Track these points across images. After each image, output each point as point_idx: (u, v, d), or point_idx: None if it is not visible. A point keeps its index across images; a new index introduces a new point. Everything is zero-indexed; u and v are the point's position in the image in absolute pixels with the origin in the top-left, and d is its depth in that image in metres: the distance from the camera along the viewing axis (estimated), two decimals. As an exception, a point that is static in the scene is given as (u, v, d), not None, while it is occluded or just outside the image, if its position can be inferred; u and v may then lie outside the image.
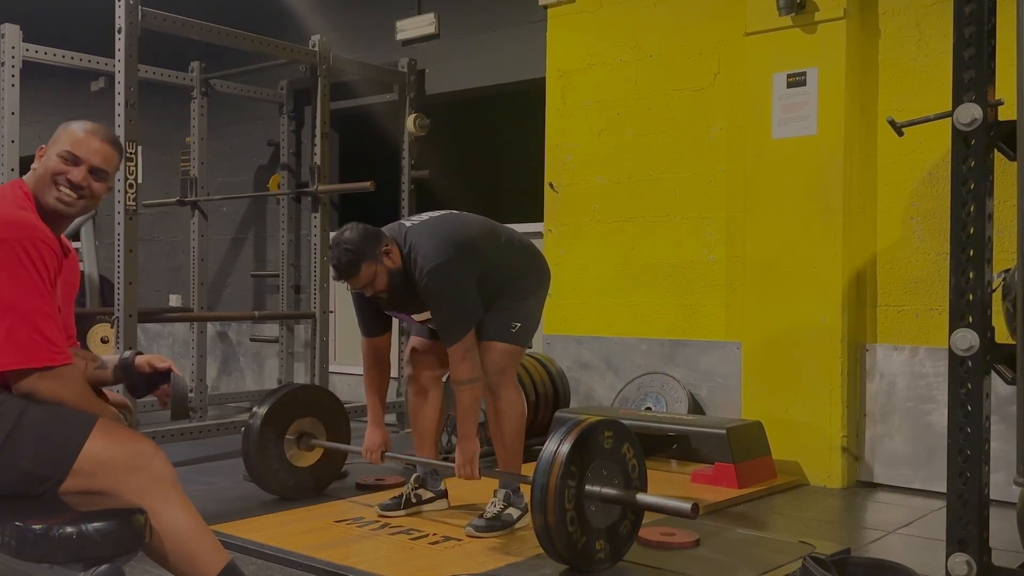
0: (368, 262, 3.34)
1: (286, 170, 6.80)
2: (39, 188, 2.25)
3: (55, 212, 2.24)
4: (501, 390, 3.53)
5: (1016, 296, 2.51)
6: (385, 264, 3.37)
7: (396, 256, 3.41)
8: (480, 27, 6.05)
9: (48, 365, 2.08)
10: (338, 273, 3.38)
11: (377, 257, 3.35)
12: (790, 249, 4.56)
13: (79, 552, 1.89)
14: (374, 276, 3.36)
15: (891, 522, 3.86)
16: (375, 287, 3.39)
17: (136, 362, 2.42)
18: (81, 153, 2.25)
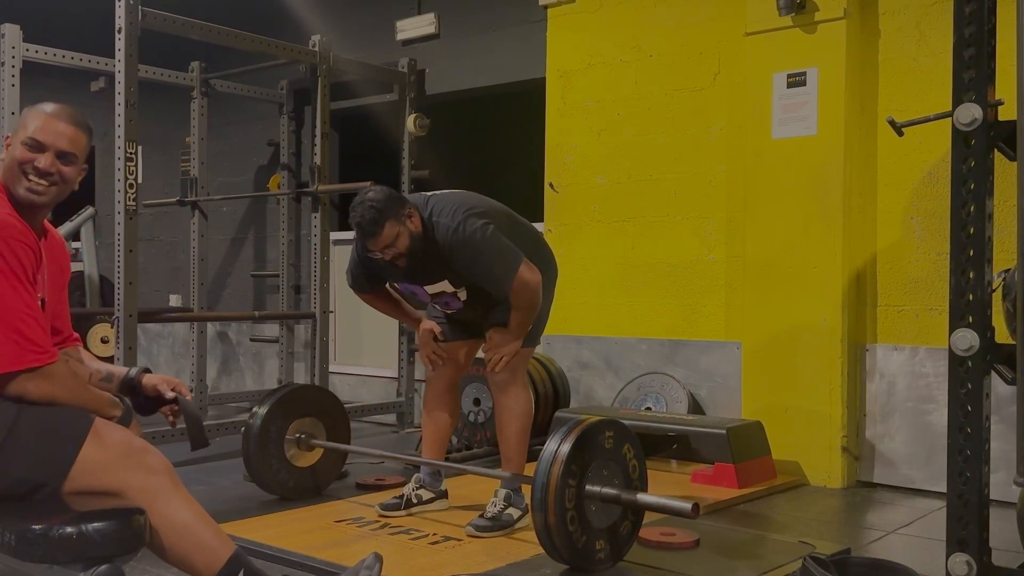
0: (392, 220, 3.30)
1: (286, 170, 6.80)
2: (8, 179, 2.18)
3: (28, 203, 2.17)
4: (511, 388, 3.57)
5: (1016, 296, 2.51)
6: (407, 226, 3.34)
7: (417, 222, 3.38)
8: (480, 27, 6.05)
9: (31, 367, 2.04)
10: (361, 231, 3.32)
11: (400, 218, 3.32)
12: (790, 249, 4.56)
13: (79, 552, 1.89)
14: (396, 236, 3.31)
15: (891, 522, 3.86)
16: (396, 248, 3.33)
17: (144, 382, 2.39)
18: (46, 139, 2.16)
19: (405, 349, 6.05)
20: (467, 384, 5.15)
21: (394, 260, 3.37)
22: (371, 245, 3.34)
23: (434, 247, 3.39)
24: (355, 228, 3.35)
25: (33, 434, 2.04)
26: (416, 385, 6.15)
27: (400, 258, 3.36)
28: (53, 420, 2.09)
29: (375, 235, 3.30)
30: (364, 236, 3.33)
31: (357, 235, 3.40)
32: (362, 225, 3.29)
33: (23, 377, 2.04)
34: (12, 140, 2.21)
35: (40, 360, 2.06)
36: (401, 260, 3.37)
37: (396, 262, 3.38)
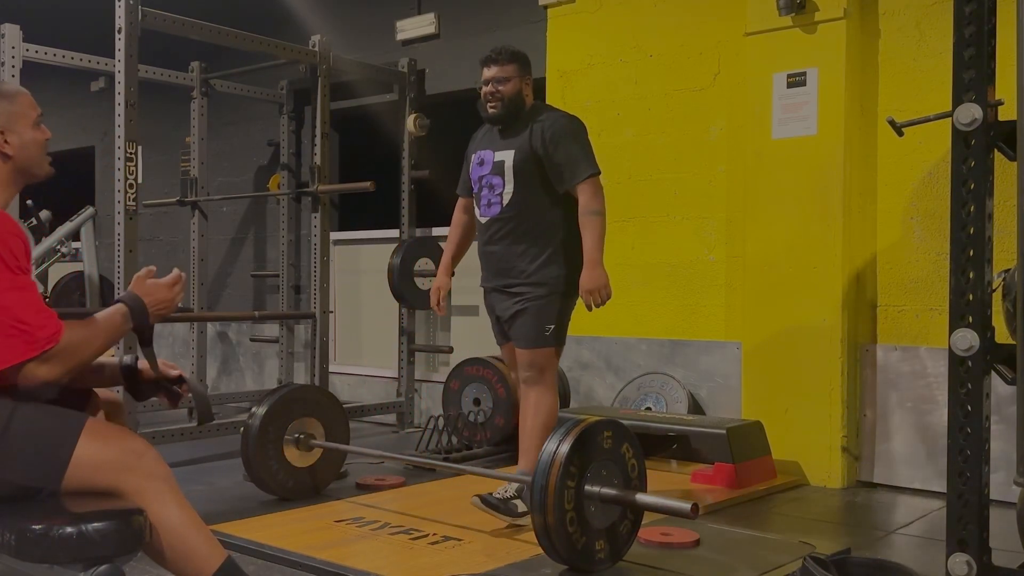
0: (516, 66, 3.62)
1: (286, 170, 6.80)
2: (31, 163, 2.25)
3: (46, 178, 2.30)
4: (537, 386, 3.65)
5: (1016, 296, 2.51)
6: (521, 84, 3.63)
7: (530, 94, 3.69)
8: (480, 27, 6.05)
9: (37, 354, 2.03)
10: (494, 54, 3.62)
11: (523, 73, 3.64)
12: (790, 249, 4.56)
13: (79, 552, 1.89)
14: (509, 79, 3.60)
15: (891, 522, 3.86)
16: (502, 88, 3.59)
17: (139, 366, 2.40)
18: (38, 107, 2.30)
19: (405, 349, 6.05)
20: (467, 384, 5.16)
21: (492, 96, 3.61)
22: (489, 68, 3.62)
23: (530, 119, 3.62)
24: (484, 56, 3.65)
25: (27, 436, 2.03)
26: (416, 385, 6.16)
27: (497, 100, 3.60)
28: (46, 422, 2.07)
29: (498, 62, 3.60)
30: (489, 60, 3.62)
31: (482, 64, 3.65)
32: (497, 51, 3.63)
33: (34, 364, 2.03)
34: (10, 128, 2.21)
35: (45, 345, 2.04)
36: (497, 104, 3.61)
37: (492, 103, 3.62)
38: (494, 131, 3.72)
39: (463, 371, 5.21)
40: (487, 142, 3.74)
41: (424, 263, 5.99)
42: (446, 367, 5.90)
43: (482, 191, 3.69)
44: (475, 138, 3.85)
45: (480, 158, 3.72)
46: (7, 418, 2.03)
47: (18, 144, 2.22)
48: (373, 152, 6.83)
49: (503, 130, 3.69)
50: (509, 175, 3.62)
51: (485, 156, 3.71)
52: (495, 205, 3.65)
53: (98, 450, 2.06)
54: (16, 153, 2.22)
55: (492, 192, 3.66)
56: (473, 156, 3.77)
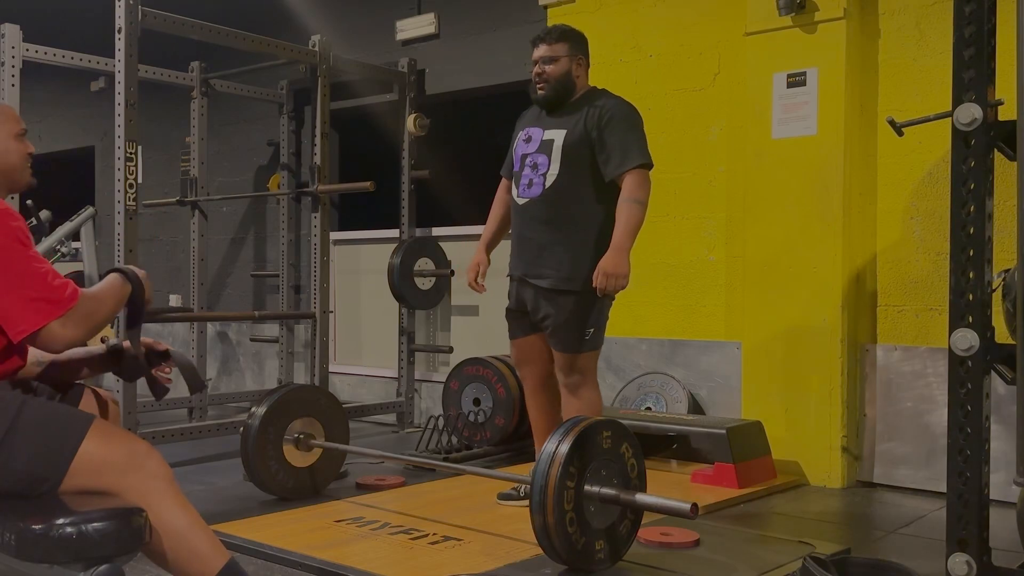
0: (568, 45, 3.52)
1: (286, 170, 6.80)
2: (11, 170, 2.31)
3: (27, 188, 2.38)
4: (582, 389, 3.60)
5: (1016, 296, 2.51)
6: (574, 65, 3.54)
7: (584, 77, 3.59)
8: (480, 27, 6.05)
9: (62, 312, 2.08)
10: (543, 33, 3.57)
11: (575, 52, 3.54)
12: (790, 249, 4.56)
13: (79, 552, 1.89)
14: (558, 59, 3.51)
15: (891, 522, 3.86)
16: (550, 68, 3.51)
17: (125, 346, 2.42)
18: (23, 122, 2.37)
19: (405, 349, 6.05)
20: (467, 384, 5.16)
21: (540, 78, 3.52)
22: (538, 48, 3.54)
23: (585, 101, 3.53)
24: (534, 36, 3.58)
25: (35, 429, 2.05)
26: (416, 385, 6.16)
27: (545, 82, 3.52)
28: (54, 416, 2.10)
29: (547, 41, 3.53)
30: (538, 39, 3.55)
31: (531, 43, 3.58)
32: (544, 29, 3.59)
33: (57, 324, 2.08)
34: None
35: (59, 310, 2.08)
36: (544, 85, 3.52)
37: (540, 84, 3.53)
38: (540, 111, 3.64)
39: (463, 371, 5.21)
40: (537, 120, 3.63)
41: (424, 263, 6.00)
42: (446, 367, 5.90)
43: (524, 170, 3.54)
44: (523, 116, 3.75)
45: (528, 135, 3.60)
46: (16, 410, 2.06)
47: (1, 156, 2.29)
48: (373, 152, 6.83)
49: (553, 111, 3.58)
50: (557, 155, 3.47)
51: (533, 133, 3.59)
52: (537, 186, 3.50)
53: (103, 449, 2.07)
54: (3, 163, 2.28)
55: (535, 172, 3.51)
56: (520, 133, 3.65)
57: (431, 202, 6.49)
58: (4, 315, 2.07)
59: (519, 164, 3.59)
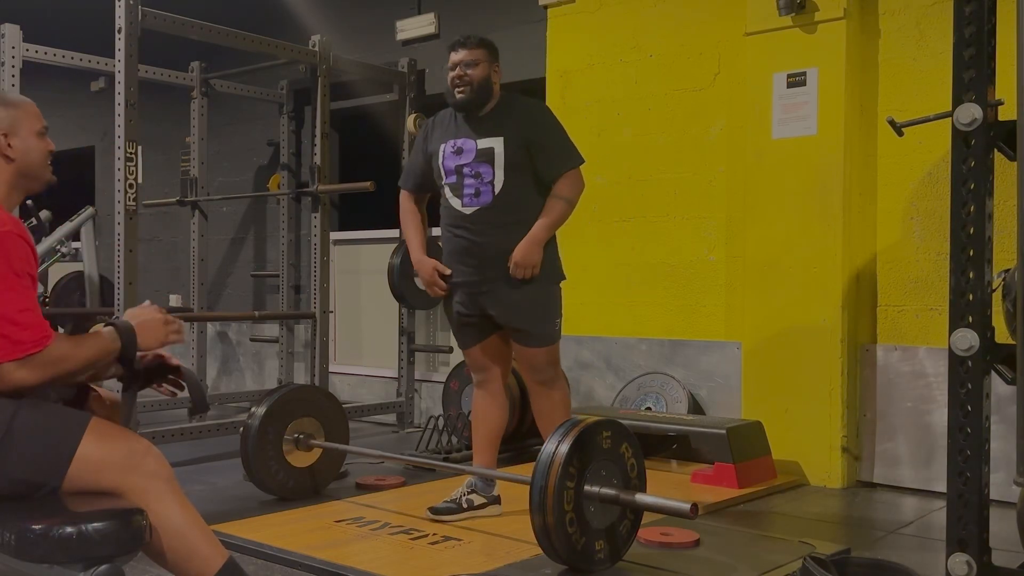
0: (485, 51, 3.57)
1: (286, 170, 6.80)
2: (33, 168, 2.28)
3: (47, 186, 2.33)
4: (557, 382, 3.70)
5: (1016, 296, 2.50)
6: (490, 70, 3.58)
7: (497, 86, 3.63)
8: (480, 27, 6.02)
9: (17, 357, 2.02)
10: (462, 39, 3.59)
11: (492, 59, 3.59)
12: (790, 249, 4.56)
13: (79, 552, 1.89)
14: (478, 63, 3.54)
15: (891, 522, 3.86)
16: (471, 72, 3.53)
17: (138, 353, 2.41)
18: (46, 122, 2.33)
19: (405, 349, 6.05)
20: (467, 384, 5.15)
21: (460, 81, 3.53)
22: (457, 52, 3.56)
23: (508, 108, 3.60)
24: (452, 42, 3.61)
25: (30, 433, 2.03)
26: (416, 385, 6.16)
27: (466, 85, 3.53)
28: (50, 419, 2.08)
29: (466, 46, 3.55)
30: (457, 44, 3.58)
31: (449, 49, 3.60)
32: (467, 36, 3.60)
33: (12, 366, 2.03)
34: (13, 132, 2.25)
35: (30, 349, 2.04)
36: (466, 89, 3.53)
37: (460, 88, 3.54)
38: (459, 119, 3.60)
39: (463, 371, 5.20)
40: (459, 130, 3.59)
41: (424, 263, 5.99)
42: (446, 367, 5.91)
43: (465, 180, 3.55)
44: (432, 127, 3.70)
45: (456, 146, 3.58)
46: (10, 416, 2.04)
47: (21, 148, 2.26)
48: (373, 152, 6.83)
49: (473, 117, 3.57)
50: (500, 162, 3.51)
51: (464, 144, 3.56)
52: (485, 194, 3.52)
53: (101, 449, 2.06)
54: (19, 157, 2.26)
55: (480, 181, 3.53)
56: (444, 145, 3.60)
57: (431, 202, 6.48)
58: None
59: (453, 176, 3.58)
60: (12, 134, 2.25)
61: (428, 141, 3.69)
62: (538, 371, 3.64)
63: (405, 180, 3.82)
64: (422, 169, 3.73)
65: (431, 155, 3.66)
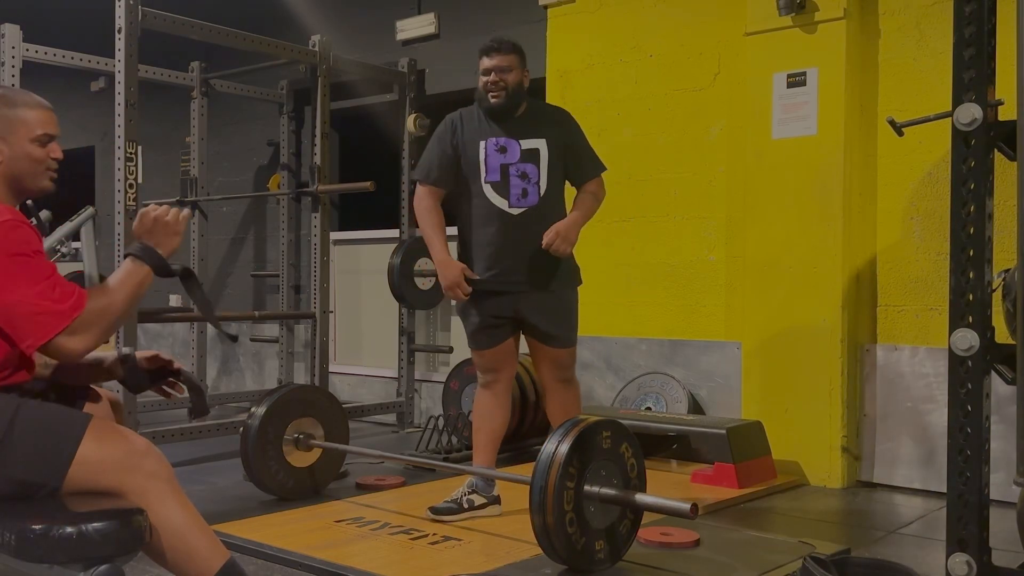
0: (517, 56, 3.59)
1: (286, 170, 6.80)
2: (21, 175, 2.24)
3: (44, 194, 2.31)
4: (573, 381, 3.78)
5: (1016, 296, 2.51)
6: (522, 74, 3.61)
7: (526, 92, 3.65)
8: (480, 27, 6.04)
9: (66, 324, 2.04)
10: (496, 43, 3.58)
11: (523, 63, 3.62)
12: (790, 249, 4.56)
13: (79, 552, 1.89)
14: (511, 69, 3.56)
15: (891, 522, 3.86)
16: (505, 78, 3.55)
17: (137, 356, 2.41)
18: (55, 130, 2.29)
19: (405, 349, 6.05)
20: (467, 384, 5.16)
21: (495, 86, 3.54)
22: (491, 58, 3.55)
23: (540, 111, 3.70)
24: (485, 46, 3.58)
25: (30, 434, 2.04)
26: (416, 385, 6.16)
27: (501, 90, 3.54)
28: (50, 419, 2.09)
29: (501, 51, 3.55)
30: (491, 49, 3.56)
31: (482, 54, 3.58)
32: (496, 40, 3.59)
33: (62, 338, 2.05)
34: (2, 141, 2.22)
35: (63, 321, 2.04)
36: (500, 94, 3.54)
37: (495, 93, 3.55)
38: (490, 119, 3.60)
39: (463, 371, 5.20)
40: (494, 129, 3.58)
41: (424, 263, 5.99)
42: (446, 367, 5.90)
43: (510, 179, 3.55)
44: (459, 123, 3.65)
45: (499, 144, 3.57)
46: (11, 415, 2.04)
47: (9, 153, 2.22)
48: (373, 152, 6.83)
49: (507, 119, 3.58)
50: (544, 164, 3.57)
51: (506, 143, 3.57)
52: (532, 195, 3.56)
53: (101, 449, 2.06)
54: (5, 161, 2.21)
55: (527, 181, 3.56)
56: (485, 142, 3.58)
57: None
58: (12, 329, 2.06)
59: (497, 174, 3.56)
60: (5, 137, 2.21)
61: (456, 136, 3.63)
62: (562, 369, 3.71)
63: (426, 174, 3.69)
64: (447, 163, 3.64)
65: (462, 150, 3.62)
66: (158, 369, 2.42)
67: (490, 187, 3.58)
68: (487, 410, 3.75)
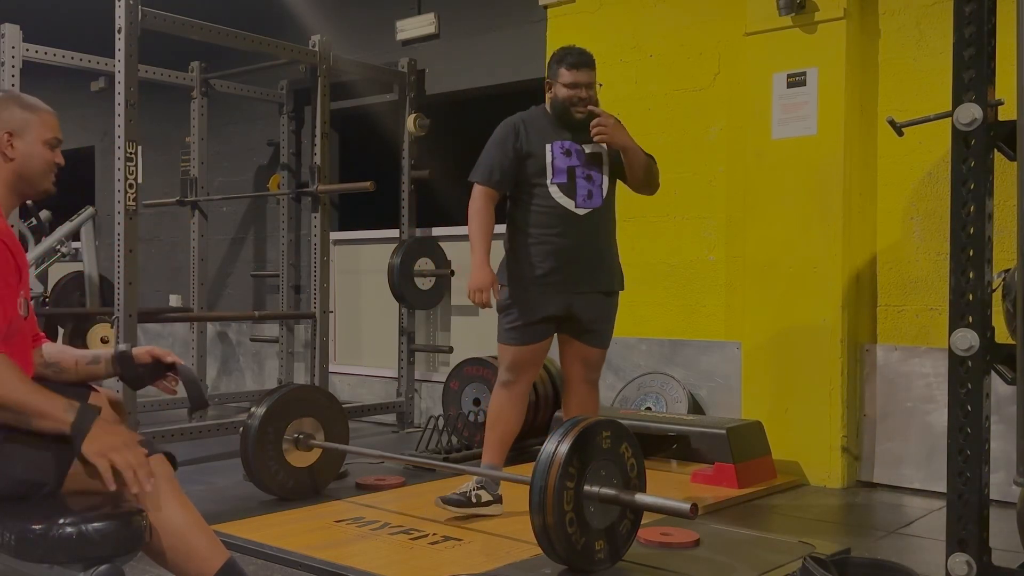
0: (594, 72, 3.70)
1: (286, 170, 6.80)
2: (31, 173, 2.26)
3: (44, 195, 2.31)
4: (597, 385, 3.87)
5: (1016, 296, 2.51)
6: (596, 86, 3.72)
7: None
8: (480, 27, 6.05)
9: None
10: (585, 58, 3.64)
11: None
12: (790, 249, 4.56)
13: (79, 552, 1.89)
14: (593, 87, 3.65)
15: (891, 522, 3.86)
16: (591, 96, 3.64)
17: (134, 352, 2.41)
18: (61, 136, 2.32)
19: (405, 349, 6.05)
20: (467, 384, 5.16)
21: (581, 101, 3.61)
22: (580, 72, 3.61)
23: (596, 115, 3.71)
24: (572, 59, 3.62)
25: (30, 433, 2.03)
26: (416, 385, 6.16)
27: (583, 104, 3.61)
28: None
29: (589, 66, 3.64)
30: (581, 63, 3.62)
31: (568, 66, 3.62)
32: (582, 53, 3.65)
33: None
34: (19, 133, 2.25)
35: None
36: (583, 107, 3.61)
37: (580, 109, 3.61)
38: (555, 121, 3.66)
39: (463, 371, 5.21)
40: (561, 133, 3.65)
41: (424, 263, 6.00)
42: (446, 367, 5.90)
43: (577, 181, 3.62)
44: (523, 126, 3.67)
45: (564, 147, 3.64)
46: None
47: (24, 151, 2.25)
48: (373, 152, 6.83)
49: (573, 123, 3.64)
50: (606, 168, 3.68)
51: (571, 147, 3.65)
52: (597, 197, 3.66)
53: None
54: (18, 158, 2.25)
55: (592, 184, 3.65)
56: (552, 145, 3.63)
57: (431, 202, 6.49)
58: None
59: (564, 175, 3.62)
60: (18, 135, 2.25)
61: (522, 140, 3.65)
62: (592, 370, 3.79)
63: (487, 175, 3.66)
64: (509, 166, 3.64)
65: (527, 154, 3.64)
66: (155, 364, 2.42)
67: (557, 188, 3.63)
68: (504, 411, 3.75)
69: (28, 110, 2.28)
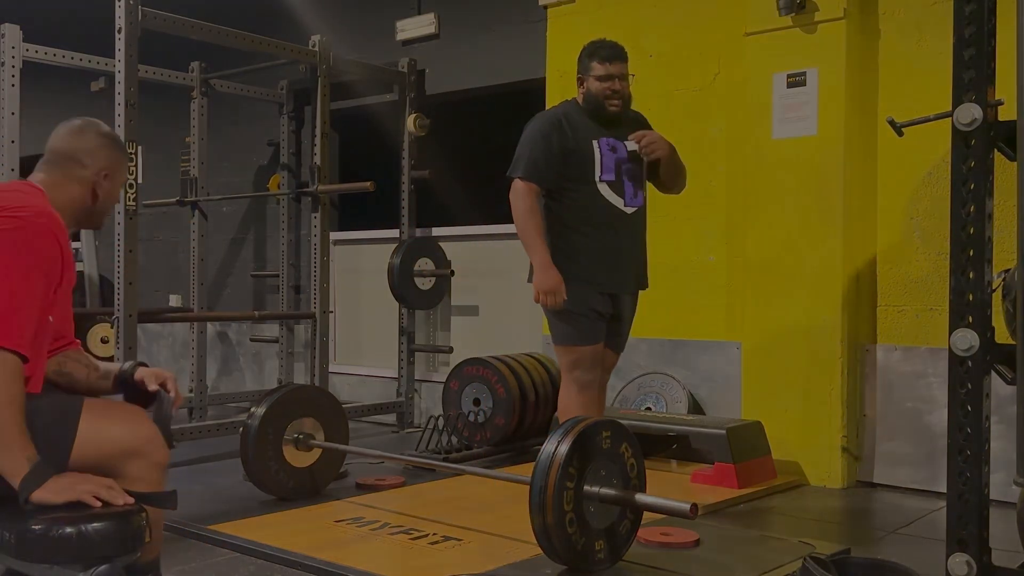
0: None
1: (286, 170, 6.80)
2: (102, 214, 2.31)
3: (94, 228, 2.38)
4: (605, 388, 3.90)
5: (1016, 296, 2.50)
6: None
7: None
8: (480, 27, 6.05)
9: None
10: (617, 51, 3.62)
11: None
12: (790, 249, 4.56)
13: (79, 552, 1.89)
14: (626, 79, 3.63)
15: (891, 522, 3.86)
16: (625, 88, 3.63)
17: (136, 376, 2.39)
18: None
19: (405, 349, 6.05)
20: (467, 384, 5.15)
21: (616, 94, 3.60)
22: (613, 64, 3.59)
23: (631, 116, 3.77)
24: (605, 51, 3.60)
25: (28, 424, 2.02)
26: (416, 385, 6.16)
27: (620, 99, 3.61)
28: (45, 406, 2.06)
29: (621, 59, 3.61)
30: (614, 56, 3.60)
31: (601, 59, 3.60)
32: (614, 45, 3.63)
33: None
34: (112, 175, 2.29)
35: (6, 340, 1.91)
36: (619, 103, 3.61)
37: (614, 101, 3.60)
38: (594, 120, 3.63)
39: (463, 371, 5.20)
40: (603, 131, 3.62)
41: (424, 263, 6.00)
42: (446, 367, 5.90)
43: (623, 179, 3.60)
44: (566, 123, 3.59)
45: (610, 144, 3.61)
46: None
47: (108, 192, 2.30)
48: (373, 152, 6.83)
49: (613, 123, 3.64)
50: (645, 166, 3.69)
51: (615, 144, 3.62)
52: (640, 196, 3.68)
53: (102, 427, 2.06)
54: (103, 197, 2.29)
55: (636, 182, 3.65)
56: (598, 141, 3.58)
57: (431, 202, 6.49)
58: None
59: (612, 173, 3.58)
60: (111, 177, 2.28)
61: (567, 137, 3.56)
62: (608, 373, 3.82)
63: (533, 172, 3.53)
64: (554, 161, 3.55)
65: (572, 149, 3.57)
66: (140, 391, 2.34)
67: (606, 186, 3.59)
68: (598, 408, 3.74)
69: (122, 152, 2.32)
